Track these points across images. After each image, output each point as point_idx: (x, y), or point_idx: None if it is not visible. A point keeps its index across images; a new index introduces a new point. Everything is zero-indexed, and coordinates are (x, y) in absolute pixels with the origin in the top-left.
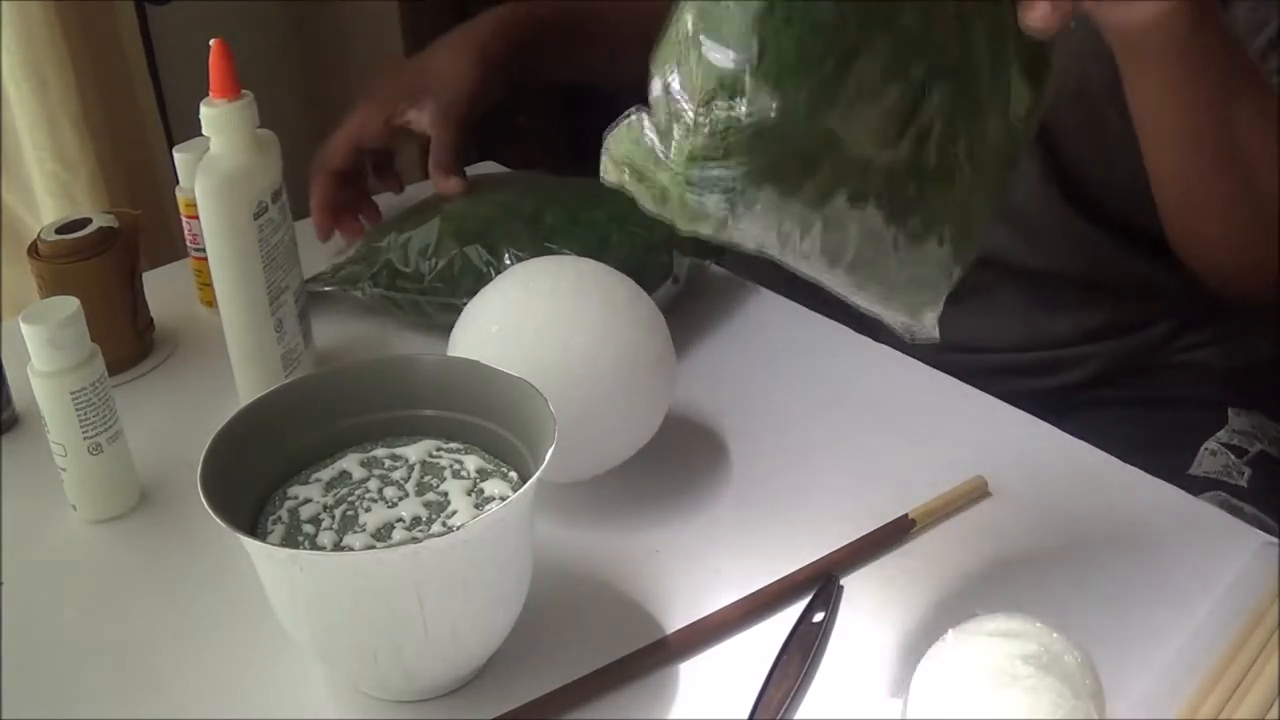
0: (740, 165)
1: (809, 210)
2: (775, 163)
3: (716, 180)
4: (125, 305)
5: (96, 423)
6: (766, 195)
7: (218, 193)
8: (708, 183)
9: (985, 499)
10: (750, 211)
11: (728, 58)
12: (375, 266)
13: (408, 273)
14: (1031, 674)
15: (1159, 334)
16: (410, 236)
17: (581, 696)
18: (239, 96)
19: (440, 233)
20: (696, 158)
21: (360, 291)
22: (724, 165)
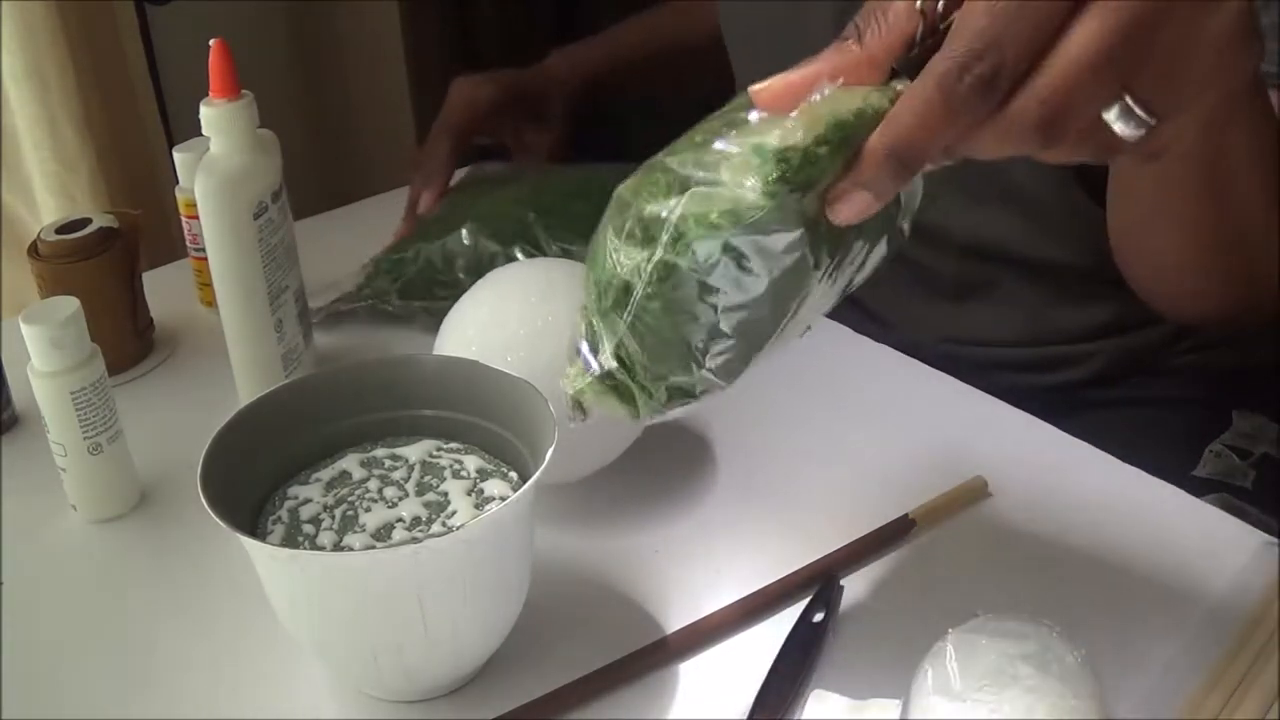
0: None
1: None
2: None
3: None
4: (125, 305)
5: (96, 423)
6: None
7: (218, 193)
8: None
9: (985, 499)
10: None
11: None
12: (403, 278)
13: (445, 279)
14: (1031, 674)
15: (1163, 333)
16: (444, 243)
17: (581, 696)
18: (239, 96)
19: (474, 235)
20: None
21: (389, 305)
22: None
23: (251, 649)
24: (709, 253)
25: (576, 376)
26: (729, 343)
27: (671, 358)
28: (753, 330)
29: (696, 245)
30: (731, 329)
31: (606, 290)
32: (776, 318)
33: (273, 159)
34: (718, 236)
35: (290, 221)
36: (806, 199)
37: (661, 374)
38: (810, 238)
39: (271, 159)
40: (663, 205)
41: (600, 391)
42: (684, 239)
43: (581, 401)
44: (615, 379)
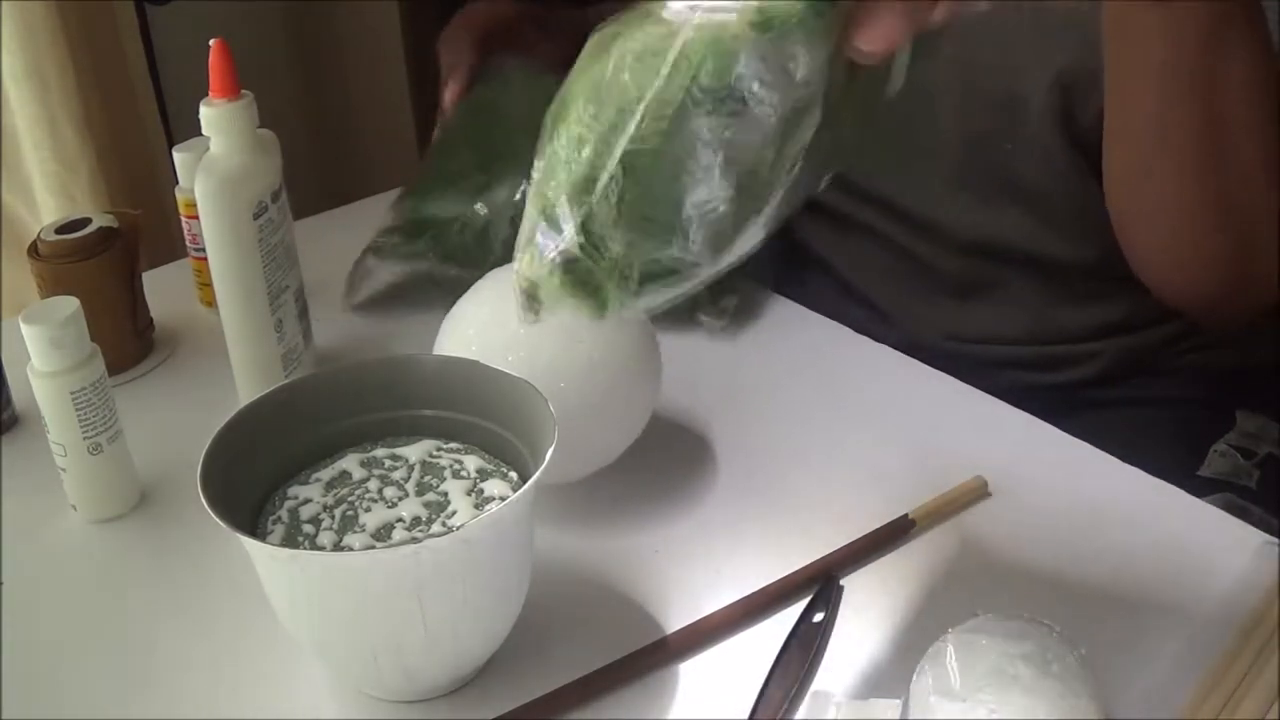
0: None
1: None
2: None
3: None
4: (125, 305)
5: (96, 423)
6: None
7: (218, 193)
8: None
9: (985, 499)
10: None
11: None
12: (452, 239)
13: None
14: (1031, 674)
15: (1167, 333)
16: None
17: (581, 696)
18: (239, 96)
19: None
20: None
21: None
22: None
23: (251, 649)
24: (725, 69)
25: (530, 264)
26: (724, 199)
27: (654, 221)
28: (749, 187)
29: (710, 60)
30: (730, 182)
31: (577, 149)
32: (775, 174)
33: (273, 159)
34: (736, 50)
35: (290, 221)
36: (833, 19)
37: (638, 245)
38: (827, 74)
39: (271, 159)
40: (662, 30)
41: (560, 279)
42: (695, 56)
43: (536, 295)
44: (578, 267)
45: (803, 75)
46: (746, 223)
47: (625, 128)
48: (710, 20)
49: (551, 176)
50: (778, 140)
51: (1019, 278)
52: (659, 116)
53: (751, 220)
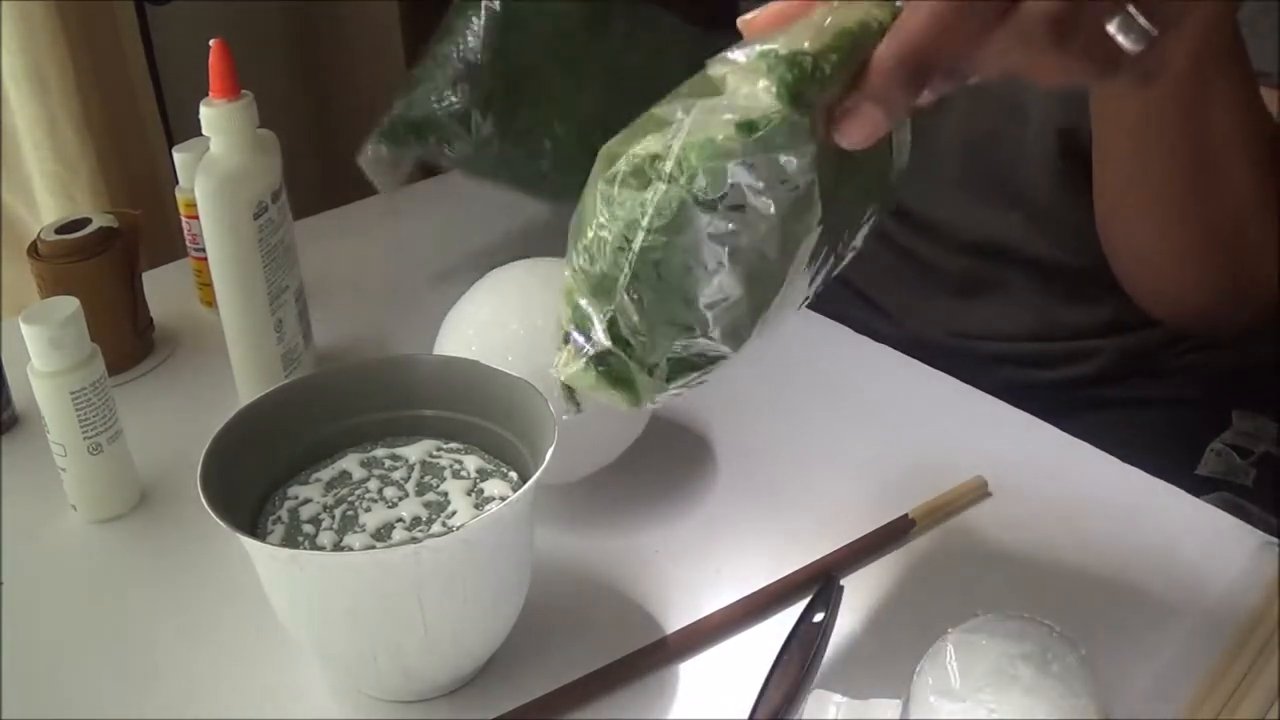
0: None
1: None
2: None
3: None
4: (125, 305)
5: (96, 423)
6: None
7: (218, 193)
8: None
9: (985, 499)
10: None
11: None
12: (459, 148)
13: None
14: (1031, 674)
15: (1166, 332)
16: None
17: (581, 696)
18: (239, 96)
19: None
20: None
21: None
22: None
23: (251, 649)
24: (718, 177)
25: (567, 362)
26: (736, 293)
27: (673, 319)
28: (759, 278)
29: (703, 170)
30: (739, 277)
31: (596, 257)
32: (783, 264)
33: (273, 159)
34: (727, 158)
35: (290, 221)
36: (815, 117)
37: (662, 342)
38: (820, 157)
39: (271, 159)
40: (659, 140)
41: (595, 376)
42: (688, 166)
43: (574, 390)
44: (610, 361)
45: (794, 172)
46: (763, 310)
47: (634, 235)
48: (701, 125)
49: (583, 274)
50: (779, 233)
51: (1020, 278)
52: (663, 222)
53: (768, 307)
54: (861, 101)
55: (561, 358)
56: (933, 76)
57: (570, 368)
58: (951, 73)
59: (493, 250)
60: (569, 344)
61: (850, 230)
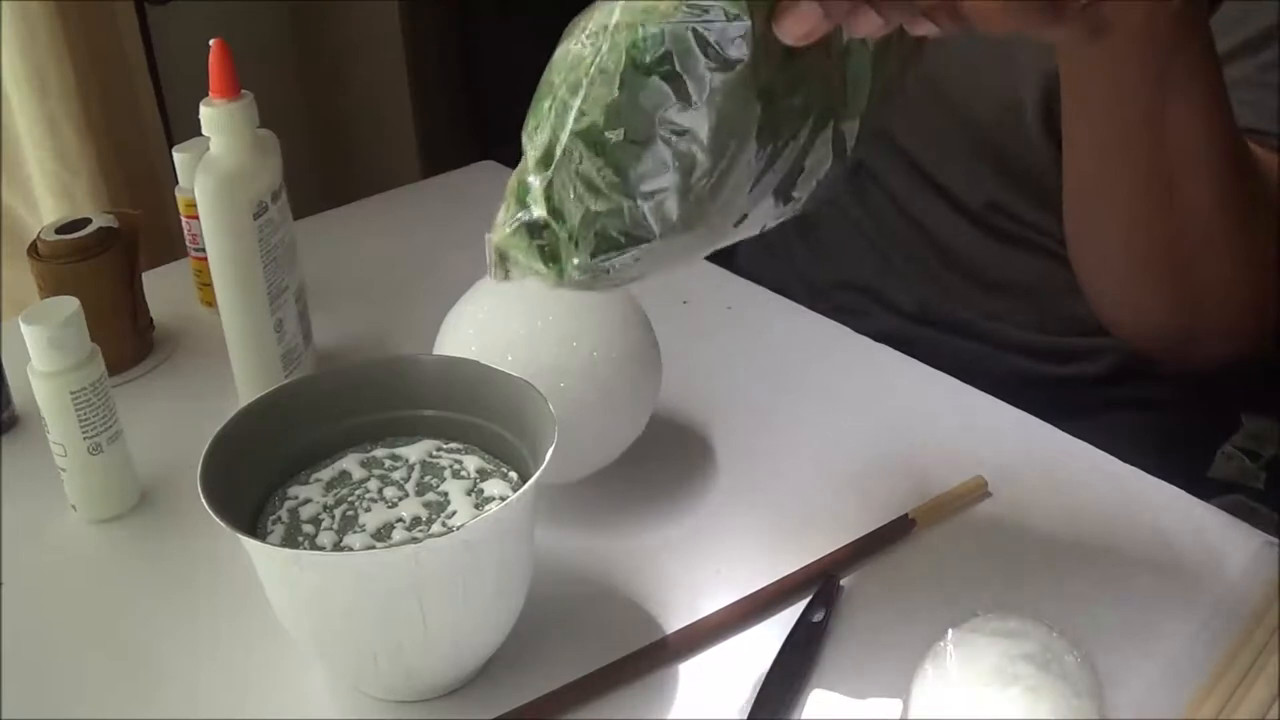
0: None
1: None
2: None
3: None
4: (125, 305)
5: (96, 423)
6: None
7: (218, 193)
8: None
9: (985, 499)
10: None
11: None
12: None
13: None
14: (1031, 674)
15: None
16: None
17: (581, 696)
18: (239, 96)
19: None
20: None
21: None
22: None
23: (251, 649)
24: (654, 40)
25: (502, 225)
26: (666, 166)
27: (604, 187)
28: (690, 158)
29: (640, 32)
30: (671, 152)
31: (542, 125)
32: (715, 149)
33: (273, 159)
34: (663, 20)
35: (290, 221)
36: (751, 7)
37: (591, 211)
38: (756, 52)
39: (271, 159)
40: (606, 12)
41: (527, 245)
42: (628, 29)
43: (506, 257)
44: (545, 236)
45: (726, 47)
46: (690, 193)
47: (574, 100)
48: None
49: (527, 157)
50: (712, 111)
51: (1030, 260)
52: (603, 85)
53: (696, 191)
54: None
55: (499, 220)
56: None
57: (505, 233)
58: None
59: None
60: (509, 210)
61: (794, 159)
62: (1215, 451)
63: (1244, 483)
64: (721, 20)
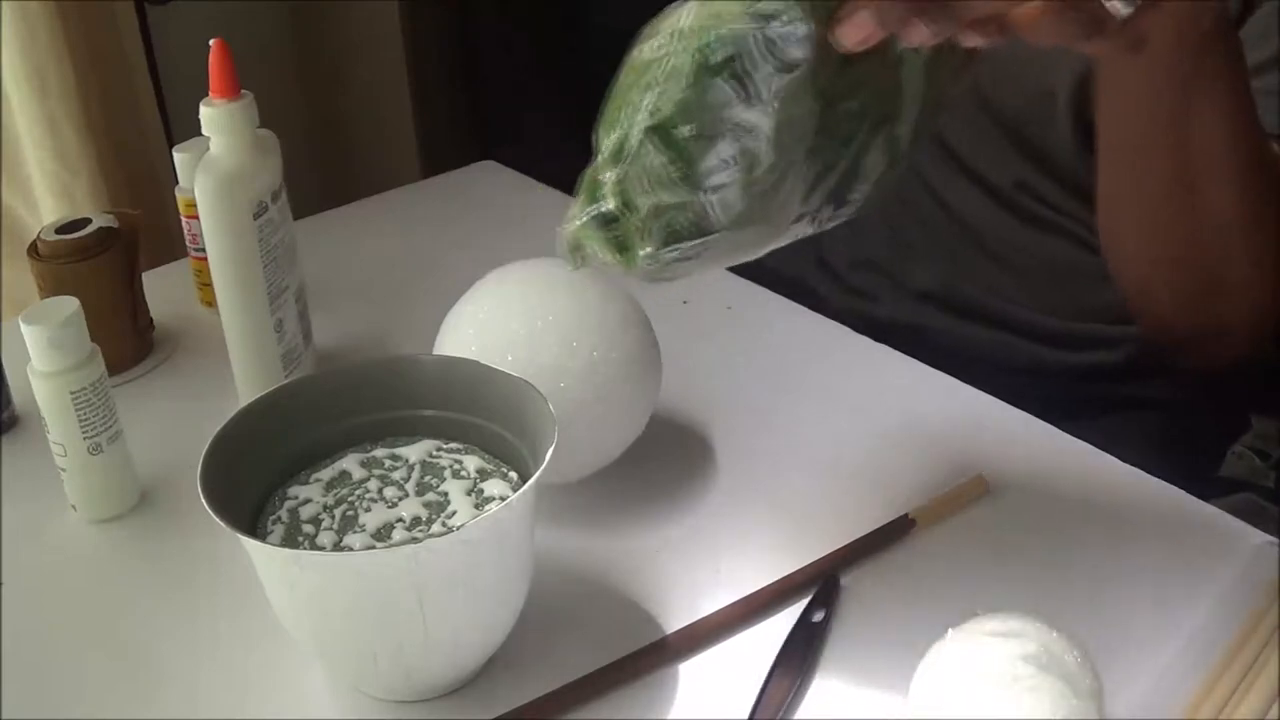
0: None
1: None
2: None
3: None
4: (125, 305)
5: (96, 423)
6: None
7: (218, 193)
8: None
9: (985, 499)
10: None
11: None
12: None
13: None
14: (1031, 674)
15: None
16: None
17: (581, 696)
18: (239, 96)
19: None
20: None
21: None
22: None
23: (251, 649)
24: (723, 41)
25: (575, 218)
26: (731, 161)
27: (674, 181)
28: (754, 154)
29: (710, 34)
30: (736, 148)
31: (616, 124)
32: (776, 151)
33: (273, 159)
34: (732, 23)
35: (290, 221)
36: (814, 13)
37: (662, 203)
38: (816, 56)
39: (271, 159)
40: (676, 19)
41: (600, 236)
42: (698, 32)
43: (580, 248)
44: (614, 228)
45: (790, 49)
46: (753, 188)
47: (647, 99)
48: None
49: (600, 157)
50: (775, 111)
51: (1056, 243)
52: (674, 84)
53: (759, 186)
54: (857, 5)
55: (573, 212)
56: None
57: (578, 222)
58: (945, 3)
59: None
60: (582, 203)
61: (850, 162)
62: (1225, 451)
63: (1254, 481)
64: (784, 25)
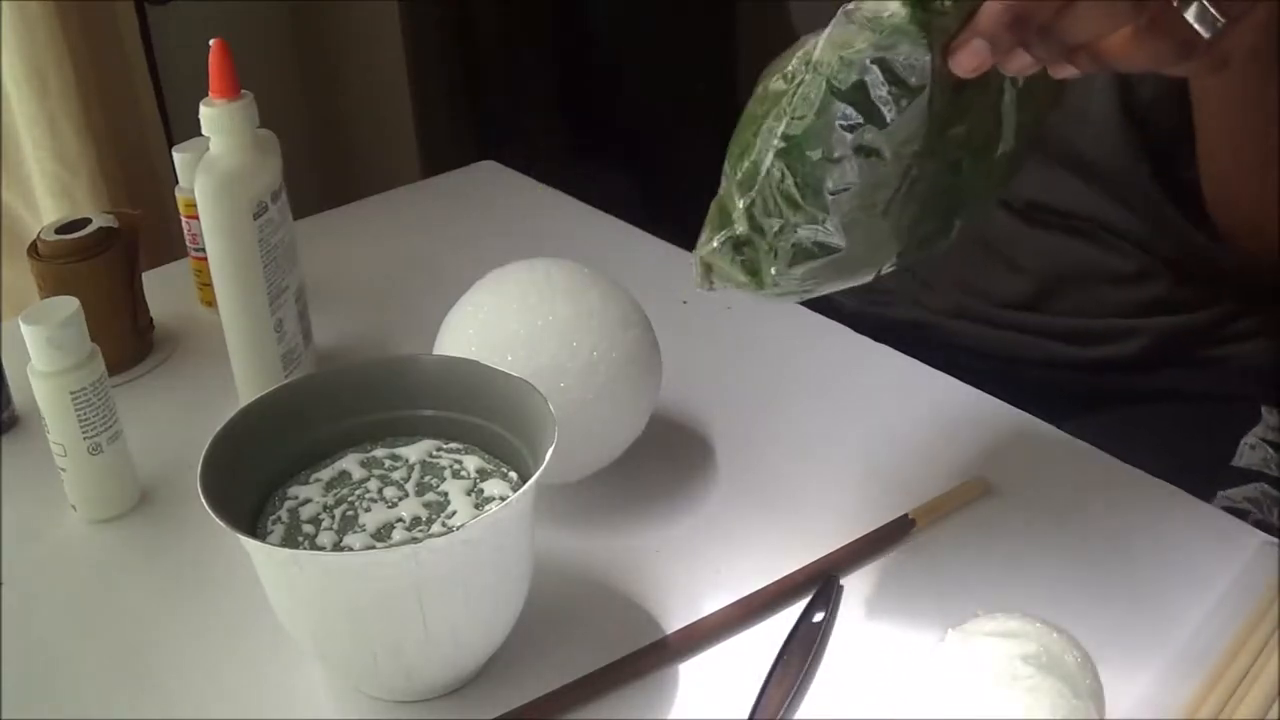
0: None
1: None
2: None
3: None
4: (125, 305)
5: (96, 423)
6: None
7: (218, 193)
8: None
9: (985, 499)
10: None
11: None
12: None
13: None
14: (1031, 674)
15: (1208, 320)
16: None
17: (581, 696)
18: (239, 96)
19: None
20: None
21: None
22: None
23: (251, 649)
24: (850, 67)
25: (706, 242)
26: (856, 183)
27: (802, 202)
28: (874, 176)
29: (838, 61)
30: (859, 169)
31: (747, 153)
32: (897, 173)
33: (273, 159)
34: (858, 52)
35: (290, 221)
36: (933, 42)
37: (790, 224)
38: (933, 84)
39: (271, 159)
40: (806, 52)
41: (730, 259)
42: (827, 59)
43: (710, 270)
44: (745, 251)
45: (910, 76)
46: (874, 209)
47: (779, 127)
48: (839, 30)
49: (729, 185)
50: (894, 135)
51: (1068, 245)
52: (805, 109)
53: (879, 207)
54: (971, 35)
55: (703, 238)
56: (1030, 27)
57: (711, 250)
58: (1048, 32)
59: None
60: (714, 228)
61: (955, 188)
62: (1237, 441)
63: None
64: (907, 53)
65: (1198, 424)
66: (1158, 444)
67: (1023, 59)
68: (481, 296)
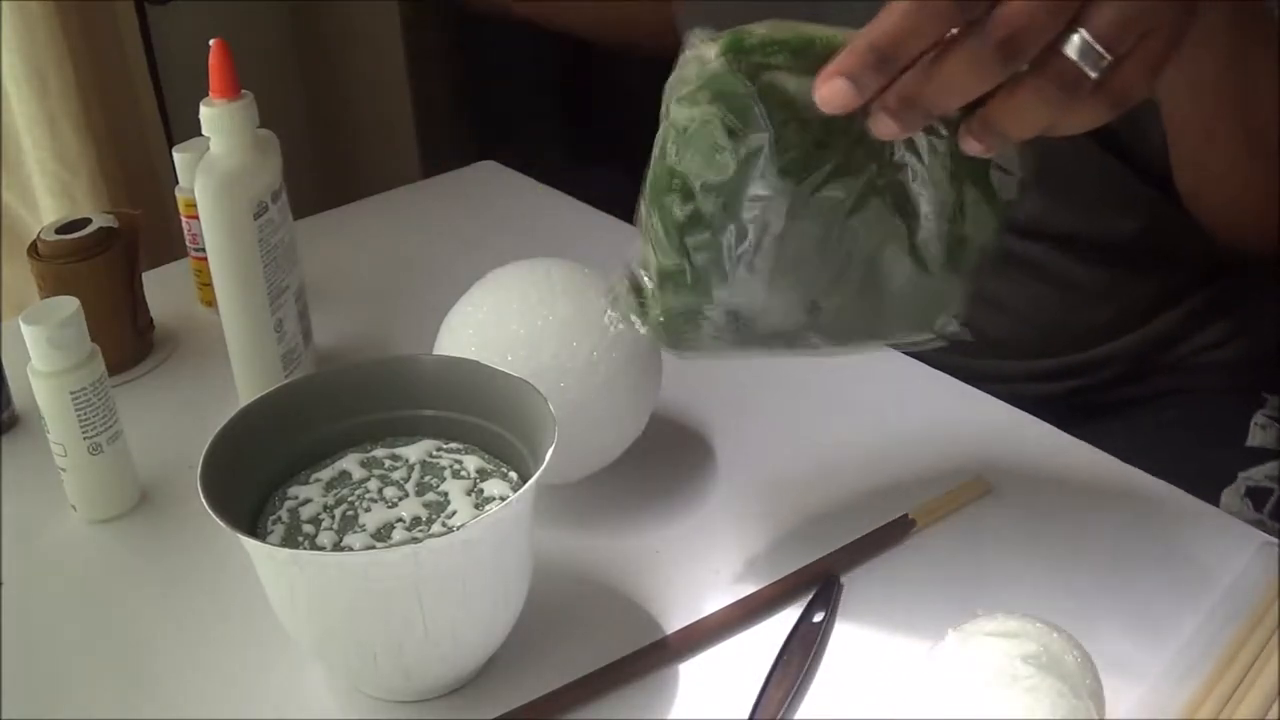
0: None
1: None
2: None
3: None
4: (125, 305)
5: (96, 423)
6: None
7: (218, 193)
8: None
9: (985, 499)
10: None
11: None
12: None
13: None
14: (1031, 674)
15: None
16: None
17: (581, 696)
18: (239, 96)
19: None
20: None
21: None
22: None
23: (251, 649)
24: (685, 117)
25: (616, 286)
26: (703, 234)
27: (669, 243)
28: (724, 223)
29: (676, 111)
30: (709, 210)
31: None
32: (748, 225)
33: (273, 159)
34: (693, 102)
35: (290, 221)
36: (762, 87)
37: (661, 265)
38: (775, 136)
39: (271, 159)
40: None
41: (631, 299)
42: (669, 107)
43: (617, 300)
44: (641, 294)
45: (737, 125)
46: (740, 266)
47: (657, 169)
48: (680, 79)
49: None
50: (729, 186)
51: (1033, 266)
52: (657, 153)
53: (726, 265)
54: (832, 72)
55: (619, 287)
56: (897, 65)
57: (622, 284)
58: (912, 101)
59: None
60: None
61: (861, 256)
62: (1244, 426)
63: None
64: (731, 102)
65: (1201, 416)
66: (1164, 435)
67: (888, 124)
68: (481, 296)
